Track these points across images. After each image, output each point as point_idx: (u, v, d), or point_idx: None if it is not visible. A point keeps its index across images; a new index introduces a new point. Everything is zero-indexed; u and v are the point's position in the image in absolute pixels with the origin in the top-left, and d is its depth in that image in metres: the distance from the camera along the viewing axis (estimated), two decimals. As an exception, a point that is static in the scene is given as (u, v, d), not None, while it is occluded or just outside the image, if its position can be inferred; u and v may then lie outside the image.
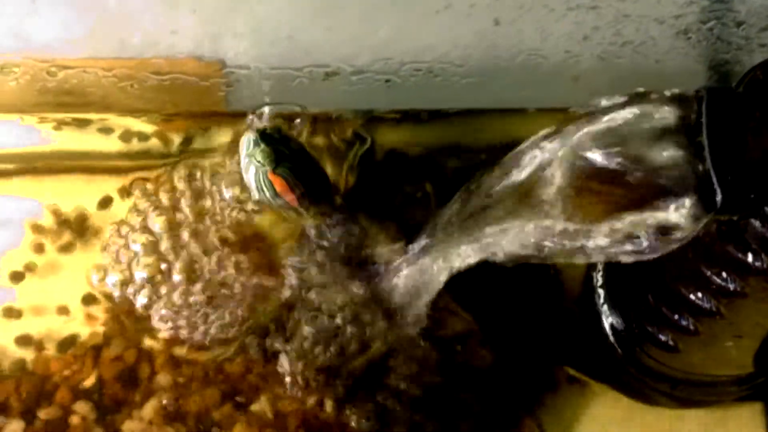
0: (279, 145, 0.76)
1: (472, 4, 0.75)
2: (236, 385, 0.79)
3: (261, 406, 0.78)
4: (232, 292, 0.81)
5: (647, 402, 0.81)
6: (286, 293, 0.81)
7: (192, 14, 0.77)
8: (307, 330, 0.79)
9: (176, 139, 0.87)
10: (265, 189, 0.78)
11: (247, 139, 0.76)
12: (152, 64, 0.82)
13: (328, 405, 0.78)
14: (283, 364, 0.79)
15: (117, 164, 0.86)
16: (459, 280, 0.75)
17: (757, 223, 0.58)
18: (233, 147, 0.84)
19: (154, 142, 0.87)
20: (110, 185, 0.85)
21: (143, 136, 0.87)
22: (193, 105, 0.86)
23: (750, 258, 0.61)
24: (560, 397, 0.81)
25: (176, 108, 0.87)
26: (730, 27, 0.76)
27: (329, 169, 0.84)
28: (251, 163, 0.77)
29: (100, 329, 0.81)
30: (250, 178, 0.78)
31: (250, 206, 0.84)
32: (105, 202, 0.85)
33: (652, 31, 0.78)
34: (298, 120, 0.86)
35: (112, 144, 0.87)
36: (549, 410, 0.80)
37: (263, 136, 0.76)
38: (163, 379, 0.79)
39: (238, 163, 0.79)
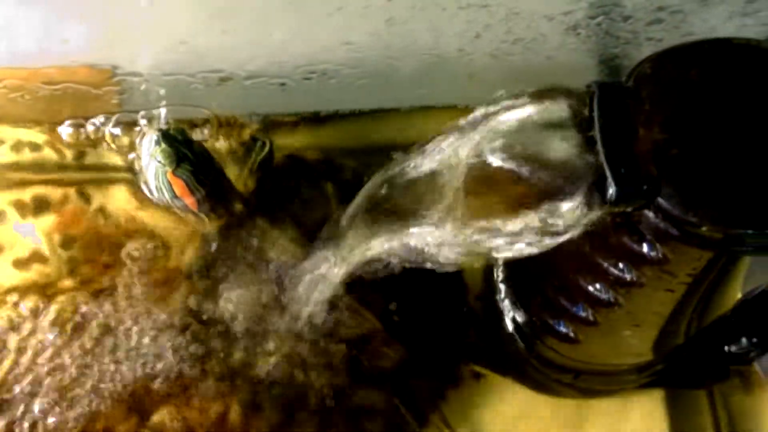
0: (181, 147, 0.75)
1: (367, 5, 0.75)
2: (140, 398, 0.78)
3: (166, 417, 0.77)
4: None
5: (551, 393, 0.82)
6: (187, 297, 0.80)
7: (83, 22, 0.76)
8: (209, 336, 0.79)
9: (69, 150, 0.86)
10: (164, 190, 0.77)
11: (150, 138, 0.75)
12: (44, 74, 0.80)
13: (234, 412, 0.78)
14: (187, 372, 0.79)
15: (10, 177, 0.84)
16: (362, 280, 0.75)
17: (650, 214, 0.58)
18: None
19: (48, 153, 0.85)
20: (4, 198, 0.83)
21: (36, 147, 0.85)
22: (86, 113, 0.85)
23: (645, 248, 0.62)
24: (465, 393, 0.82)
25: (69, 117, 0.85)
26: (617, 22, 0.78)
27: (228, 174, 0.83)
28: (152, 162, 0.75)
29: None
30: (150, 177, 0.77)
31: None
32: (-2, 217, 0.83)
33: (542, 28, 0.79)
34: (195, 125, 0.85)
35: (4, 156, 0.85)
36: (454, 406, 0.81)
37: (165, 135, 0.75)
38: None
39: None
